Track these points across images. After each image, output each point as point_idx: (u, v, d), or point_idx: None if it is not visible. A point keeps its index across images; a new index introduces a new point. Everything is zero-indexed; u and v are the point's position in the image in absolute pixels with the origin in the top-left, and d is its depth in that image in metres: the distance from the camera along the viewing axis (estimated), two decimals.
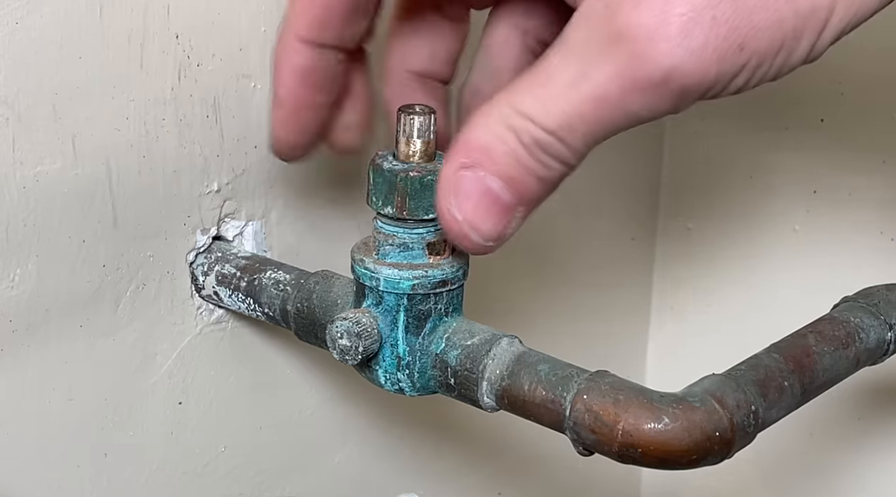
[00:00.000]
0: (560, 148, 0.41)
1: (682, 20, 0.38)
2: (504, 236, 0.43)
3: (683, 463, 0.41)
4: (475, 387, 0.46)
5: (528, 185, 0.42)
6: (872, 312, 0.50)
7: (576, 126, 0.41)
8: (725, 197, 0.76)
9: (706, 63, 0.39)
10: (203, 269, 0.53)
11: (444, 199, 0.43)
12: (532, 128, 0.41)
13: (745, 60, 0.39)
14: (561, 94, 0.40)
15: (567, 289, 0.74)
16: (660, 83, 0.39)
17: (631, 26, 0.39)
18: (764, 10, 0.39)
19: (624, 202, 0.76)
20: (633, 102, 0.40)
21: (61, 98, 0.47)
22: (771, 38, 0.39)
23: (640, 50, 0.39)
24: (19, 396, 0.49)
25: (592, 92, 0.40)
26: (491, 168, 0.42)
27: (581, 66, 0.40)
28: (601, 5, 0.39)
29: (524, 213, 0.43)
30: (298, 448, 0.61)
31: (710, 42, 0.38)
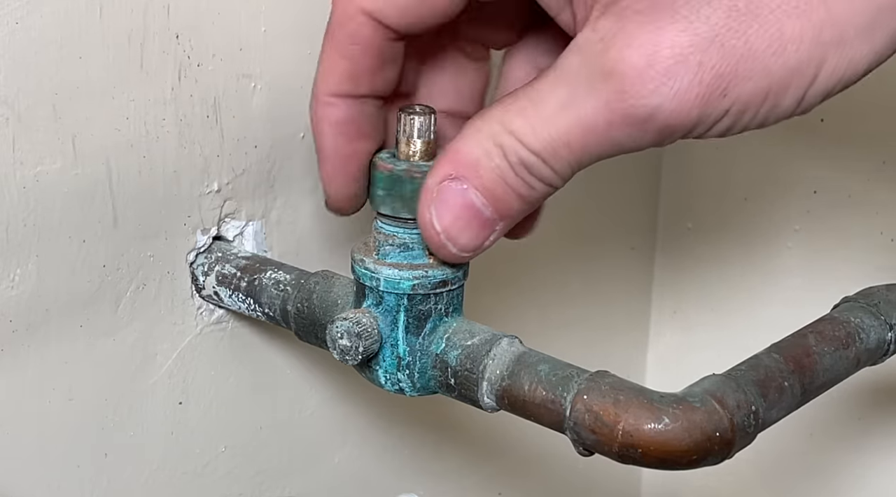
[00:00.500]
0: (545, 170, 0.42)
1: (669, 63, 0.39)
2: (481, 249, 0.45)
3: (683, 463, 0.41)
4: (475, 387, 0.46)
5: (510, 203, 0.43)
6: (872, 312, 0.50)
7: (561, 151, 0.42)
8: (726, 197, 0.76)
9: (688, 105, 0.40)
10: (203, 269, 0.53)
11: (426, 208, 0.44)
12: (519, 147, 0.42)
13: (727, 106, 0.40)
14: (549, 118, 0.42)
15: (567, 290, 0.74)
16: (644, 120, 0.40)
17: (621, 63, 0.40)
18: (751, 61, 0.39)
19: (624, 203, 0.76)
20: (618, 134, 0.41)
21: (61, 98, 0.47)
22: (755, 88, 0.40)
23: (628, 87, 0.40)
24: (19, 396, 0.49)
25: (579, 120, 0.41)
26: (475, 182, 0.43)
27: (571, 93, 0.41)
28: (597, 38, 0.41)
29: (503, 229, 0.45)
30: (298, 448, 0.61)
31: (693, 86, 0.39)
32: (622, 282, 0.78)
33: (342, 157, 0.47)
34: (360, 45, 0.45)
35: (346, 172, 0.48)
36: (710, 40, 0.39)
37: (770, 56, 0.39)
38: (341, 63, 0.46)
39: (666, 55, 0.39)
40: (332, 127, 0.47)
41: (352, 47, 0.46)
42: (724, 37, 0.39)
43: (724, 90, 0.40)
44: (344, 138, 0.47)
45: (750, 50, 0.39)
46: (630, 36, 0.40)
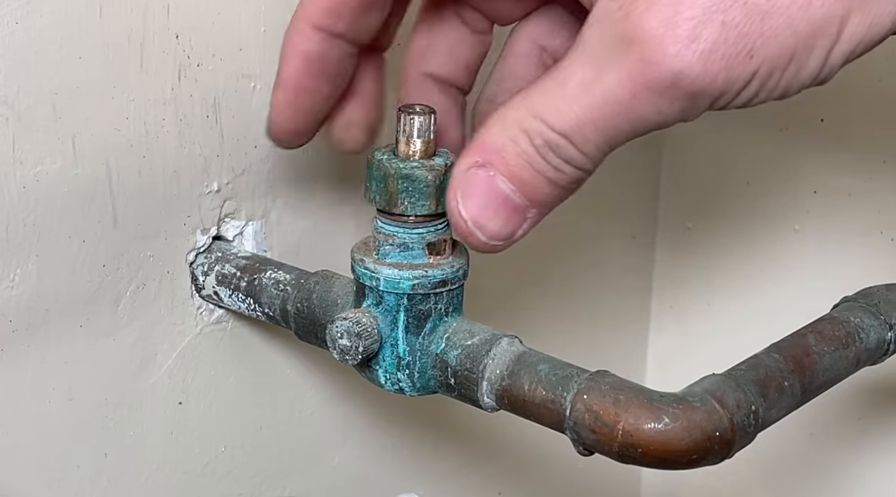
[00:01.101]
0: (572, 151, 0.41)
1: (692, 24, 0.38)
2: (514, 237, 0.43)
3: (683, 463, 0.41)
4: (475, 387, 0.46)
5: (539, 188, 0.42)
6: (872, 312, 0.50)
7: (587, 129, 0.41)
8: (725, 197, 0.76)
9: (714, 68, 0.39)
10: (203, 269, 0.53)
11: (453, 197, 0.43)
12: (544, 129, 0.41)
13: (755, 68, 0.39)
14: (573, 97, 0.40)
15: (567, 289, 0.74)
16: (668, 87, 0.39)
17: (641, 29, 0.39)
18: (775, 17, 0.38)
19: (624, 202, 0.76)
20: (643, 107, 0.40)
21: (61, 98, 0.47)
22: (782, 45, 0.39)
23: (649, 53, 0.39)
24: (19, 396, 0.49)
25: (603, 95, 0.40)
26: (502, 169, 0.42)
27: (593, 68, 0.40)
28: (615, 6, 0.40)
29: (536, 216, 0.43)
30: (298, 448, 0.61)
31: (718, 46, 0.38)
32: (622, 279, 0.78)
33: (300, 90, 0.47)
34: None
35: (297, 106, 0.47)
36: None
37: (795, 11, 0.38)
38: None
39: (687, 17, 0.38)
40: (300, 57, 0.47)
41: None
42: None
43: (751, 50, 0.39)
44: (307, 72, 0.47)
45: (774, 6, 0.38)
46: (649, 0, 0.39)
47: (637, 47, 0.39)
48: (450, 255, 0.47)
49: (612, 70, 0.39)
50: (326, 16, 0.46)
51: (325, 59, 0.47)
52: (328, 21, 0.46)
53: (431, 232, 0.47)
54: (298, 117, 0.48)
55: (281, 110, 0.48)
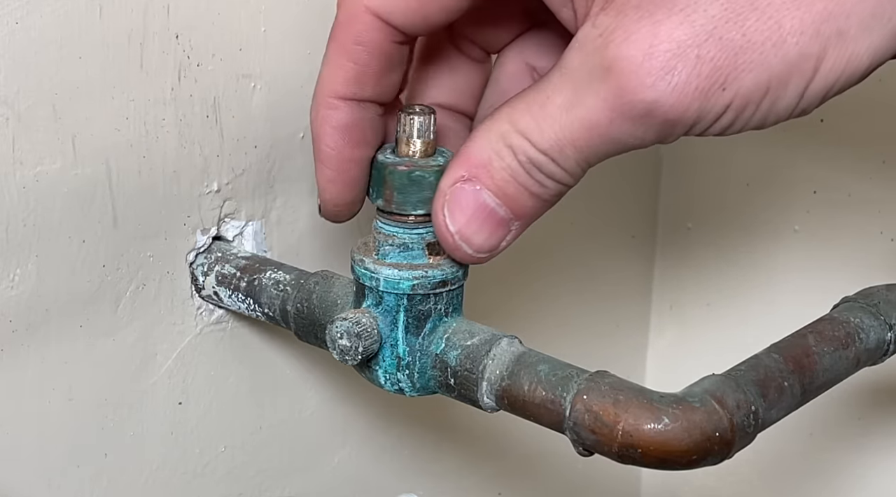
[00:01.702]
0: (554, 168, 0.43)
1: (667, 56, 0.39)
2: (498, 249, 0.45)
3: (683, 463, 0.41)
4: (475, 387, 0.46)
5: (523, 202, 0.44)
6: (872, 313, 0.50)
7: (567, 150, 0.42)
8: (725, 197, 0.76)
9: (687, 99, 0.40)
10: (203, 269, 0.53)
11: (440, 210, 0.44)
12: (528, 147, 0.42)
13: (728, 100, 0.40)
14: (554, 117, 0.42)
15: (567, 290, 0.74)
16: (643, 115, 0.40)
17: (619, 59, 0.40)
18: (749, 53, 0.39)
19: (624, 202, 0.76)
20: (620, 131, 0.41)
21: (61, 98, 0.47)
22: (755, 80, 0.40)
23: (626, 82, 0.40)
24: (19, 396, 0.49)
25: (582, 119, 0.41)
26: (487, 182, 0.43)
27: (574, 91, 0.41)
28: (596, 34, 0.41)
29: (519, 228, 0.45)
30: (298, 448, 0.61)
31: (692, 79, 0.39)
32: (622, 280, 0.78)
33: (343, 161, 0.46)
34: (366, 47, 0.45)
35: (346, 178, 0.47)
36: (709, 33, 0.39)
37: (770, 48, 0.39)
38: (346, 65, 0.45)
39: (663, 49, 0.39)
40: (335, 130, 0.46)
41: (357, 48, 0.45)
42: (722, 29, 0.39)
43: (724, 83, 0.39)
44: (346, 143, 0.46)
45: (749, 42, 0.39)
46: (628, 31, 0.40)
47: (615, 76, 0.40)
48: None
49: (591, 95, 0.41)
50: (351, 85, 0.46)
51: (360, 126, 0.46)
52: (354, 90, 0.46)
53: (431, 232, 0.47)
54: (347, 189, 0.47)
55: (330, 186, 0.47)
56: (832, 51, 0.40)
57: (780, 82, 0.40)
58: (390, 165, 0.46)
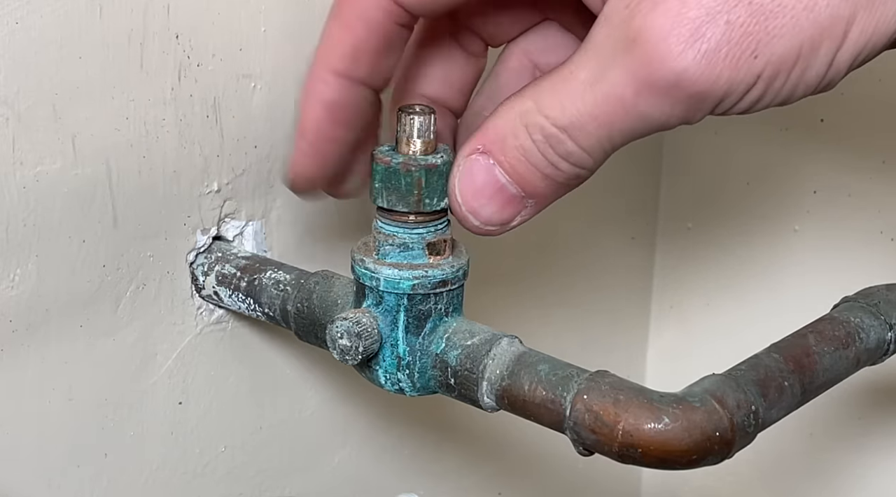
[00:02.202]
0: (571, 146, 0.41)
1: (696, 23, 0.38)
2: (510, 223, 0.44)
3: (683, 463, 0.41)
4: (475, 387, 0.46)
5: (535, 183, 0.43)
6: (872, 312, 0.50)
7: (588, 125, 0.41)
8: (725, 197, 0.76)
9: (717, 68, 0.39)
10: (203, 269, 0.53)
11: (452, 179, 0.44)
12: (545, 124, 0.42)
13: (759, 69, 0.39)
14: (577, 93, 0.41)
15: (567, 289, 0.74)
16: (671, 86, 0.39)
17: (646, 28, 0.39)
18: (780, 17, 0.38)
19: (624, 202, 0.76)
20: (646, 106, 0.40)
21: (61, 98, 0.47)
22: (787, 46, 0.39)
23: (653, 52, 0.39)
24: (19, 396, 0.49)
25: (607, 92, 0.40)
26: (500, 159, 0.43)
27: (599, 66, 0.40)
28: (622, 6, 0.40)
29: (535, 206, 0.44)
30: (298, 448, 0.61)
31: (722, 46, 0.38)
32: (622, 280, 0.78)
33: (321, 137, 0.46)
34: (367, 23, 0.44)
35: (320, 155, 0.46)
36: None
37: (801, 11, 0.38)
38: (345, 40, 0.45)
39: (692, 16, 0.38)
40: (321, 105, 0.46)
41: (358, 24, 0.45)
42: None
43: (755, 51, 0.38)
44: (328, 120, 0.46)
45: (779, 6, 0.38)
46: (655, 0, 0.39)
47: (641, 46, 0.39)
48: (450, 255, 0.47)
49: (617, 68, 0.40)
50: (346, 61, 0.45)
51: (346, 106, 0.46)
52: (348, 66, 0.45)
53: (431, 232, 0.47)
54: (320, 165, 0.47)
55: (302, 159, 0.47)
56: (862, 13, 0.39)
57: (812, 47, 0.39)
58: (389, 163, 0.46)
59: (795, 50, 0.39)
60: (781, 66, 0.39)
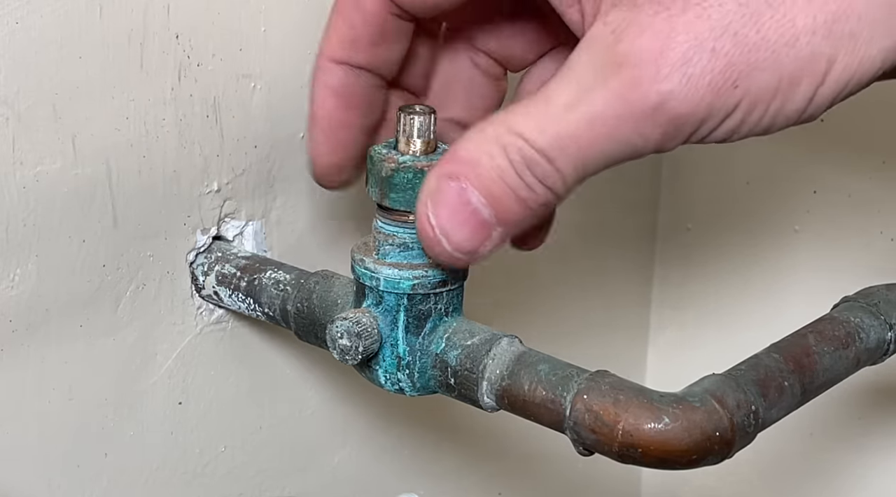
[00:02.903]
0: (548, 169, 0.41)
1: (684, 48, 0.39)
2: (477, 253, 0.43)
3: (683, 463, 0.41)
4: (475, 387, 0.46)
5: (509, 205, 0.42)
6: (872, 312, 0.50)
7: (567, 148, 0.41)
8: (725, 197, 0.76)
9: (700, 93, 0.39)
10: (203, 269, 0.53)
11: (423, 204, 0.43)
12: (522, 145, 0.41)
13: (738, 99, 0.40)
14: (557, 115, 0.41)
15: (567, 289, 0.74)
16: (655, 108, 0.39)
17: (633, 52, 0.39)
18: (762, 51, 0.39)
19: (624, 202, 0.76)
20: (626, 129, 0.40)
21: (61, 98, 0.47)
22: (766, 80, 0.39)
23: (640, 73, 0.39)
24: (19, 396, 0.49)
25: (588, 114, 0.40)
26: (474, 181, 0.42)
27: (580, 89, 0.40)
28: (608, 31, 0.40)
29: (502, 235, 0.43)
30: (298, 448, 0.61)
31: (706, 73, 0.39)
32: (622, 280, 0.78)
33: (332, 123, 0.47)
34: (362, 13, 0.46)
35: (334, 140, 0.48)
36: (724, 28, 0.39)
37: (782, 47, 0.39)
38: (342, 29, 0.46)
39: (680, 40, 0.39)
40: (327, 91, 0.47)
41: (354, 13, 0.46)
42: (738, 24, 0.39)
43: (736, 81, 0.39)
44: (337, 105, 0.47)
45: (763, 39, 0.39)
46: (642, 25, 0.39)
47: (628, 69, 0.39)
48: None
49: (600, 90, 0.40)
50: (343, 49, 0.47)
51: (351, 91, 0.47)
52: (346, 54, 0.47)
53: None
54: (336, 151, 0.48)
55: (318, 147, 0.48)
56: (843, 53, 0.39)
57: (791, 82, 0.40)
58: (387, 160, 0.46)
59: (774, 83, 0.40)
60: (760, 98, 0.40)
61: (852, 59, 0.40)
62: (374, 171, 0.46)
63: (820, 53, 0.39)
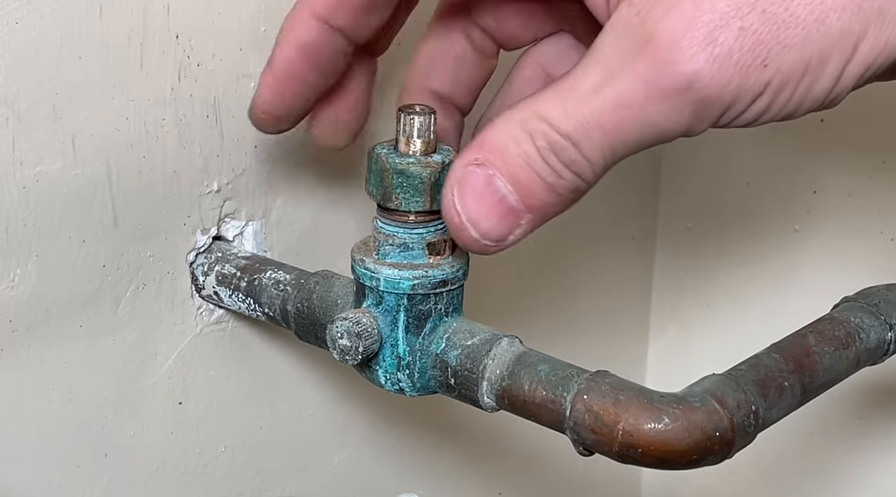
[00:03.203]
0: (574, 154, 0.41)
1: (710, 27, 0.38)
2: (506, 240, 0.43)
3: (683, 463, 0.41)
4: (475, 387, 0.46)
5: (536, 191, 0.42)
6: (872, 312, 0.50)
7: (593, 132, 0.40)
8: (725, 197, 0.76)
9: (728, 73, 0.39)
10: (203, 269, 0.53)
11: (449, 191, 0.43)
12: (549, 131, 0.41)
13: (768, 78, 0.39)
14: (583, 99, 0.40)
15: (567, 290, 0.74)
16: (682, 90, 0.39)
17: (658, 32, 0.39)
18: (792, 27, 0.38)
19: (624, 201, 0.76)
20: (654, 111, 0.40)
21: (61, 98, 0.47)
22: (796, 56, 0.39)
23: (666, 54, 0.39)
24: (19, 396, 0.49)
25: (614, 97, 0.40)
26: (501, 168, 0.42)
27: (606, 72, 0.40)
28: (633, 13, 0.40)
29: (531, 222, 0.43)
30: (298, 448, 0.61)
31: (734, 52, 0.38)
32: (622, 280, 0.78)
33: (289, 74, 0.47)
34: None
35: (284, 90, 0.47)
36: (751, 5, 0.38)
37: (812, 23, 0.38)
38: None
39: (706, 20, 0.38)
40: (296, 44, 0.47)
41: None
42: (766, 2, 0.38)
43: (765, 59, 0.39)
44: (300, 59, 0.47)
45: (792, 16, 0.38)
46: (668, 5, 0.39)
47: (653, 49, 0.39)
48: (450, 255, 0.47)
49: (626, 73, 0.39)
50: (329, 7, 0.46)
51: (320, 51, 0.47)
52: (330, 13, 0.46)
53: (431, 232, 0.47)
54: (283, 102, 0.48)
55: (267, 92, 0.48)
56: (872, 29, 0.39)
57: (821, 60, 0.39)
58: (387, 160, 0.46)
59: (805, 61, 0.39)
60: (790, 77, 0.39)
61: (880, 36, 0.39)
62: (373, 171, 0.46)
63: (849, 30, 0.39)
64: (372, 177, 0.46)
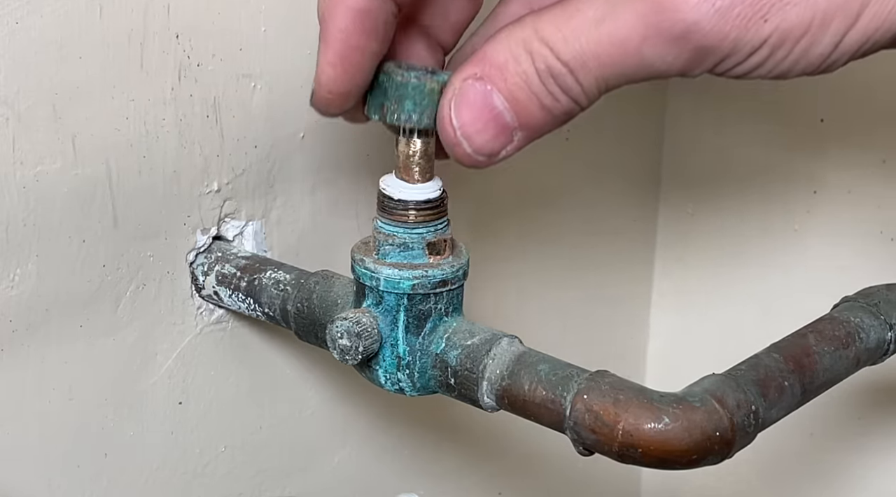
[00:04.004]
0: (571, 81, 0.41)
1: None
2: (497, 155, 0.43)
3: (683, 463, 0.41)
4: (475, 387, 0.46)
5: (532, 111, 0.42)
6: (872, 312, 0.50)
7: (590, 63, 0.41)
8: (725, 198, 0.76)
9: (728, 25, 0.39)
10: (203, 269, 0.53)
11: (446, 104, 0.43)
12: (549, 55, 0.41)
13: (767, 34, 0.39)
14: (583, 29, 0.41)
15: (567, 290, 0.74)
16: (679, 37, 0.39)
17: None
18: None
19: (624, 203, 0.76)
20: (650, 52, 0.40)
21: (61, 98, 0.47)
22: (799, 15, 0.39)
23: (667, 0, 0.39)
24: (19, 396, 0.49)
25: (613, 32, 0.40)
26: (500, 84, 0.42)
27: (607, 5, 0.40)
28: None
29: (523, 139, 0.43)
30: (298, 448, 0.61)
31: (736, 4, 0.38)
32: (622, 280, 0.78)
33: (349, 46, 0.44)
34: None
35: (347, 64, 0.45)
36: None
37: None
38: None
39: None
40: (349, 12, 0.44)
41: None
42: None
43: (766, 14, 0.39)
44: (356, 27, 0.44)
45: None
46: None
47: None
48: (450, 255, 0.47)
49: (627, 10, 0.40)
50: None
51: (374, 15, 0.45)
52: None
53: (431, 231, 0.47)
54: (346, 77, 0.45)
55: (329, 70, 0.45)
56: None
57: (823, 22, 0.39)
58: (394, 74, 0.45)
59: (806, 21, 0.39)
60: (789, 34, 0.39)
61: (883, 7, 0.39)
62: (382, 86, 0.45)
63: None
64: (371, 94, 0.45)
